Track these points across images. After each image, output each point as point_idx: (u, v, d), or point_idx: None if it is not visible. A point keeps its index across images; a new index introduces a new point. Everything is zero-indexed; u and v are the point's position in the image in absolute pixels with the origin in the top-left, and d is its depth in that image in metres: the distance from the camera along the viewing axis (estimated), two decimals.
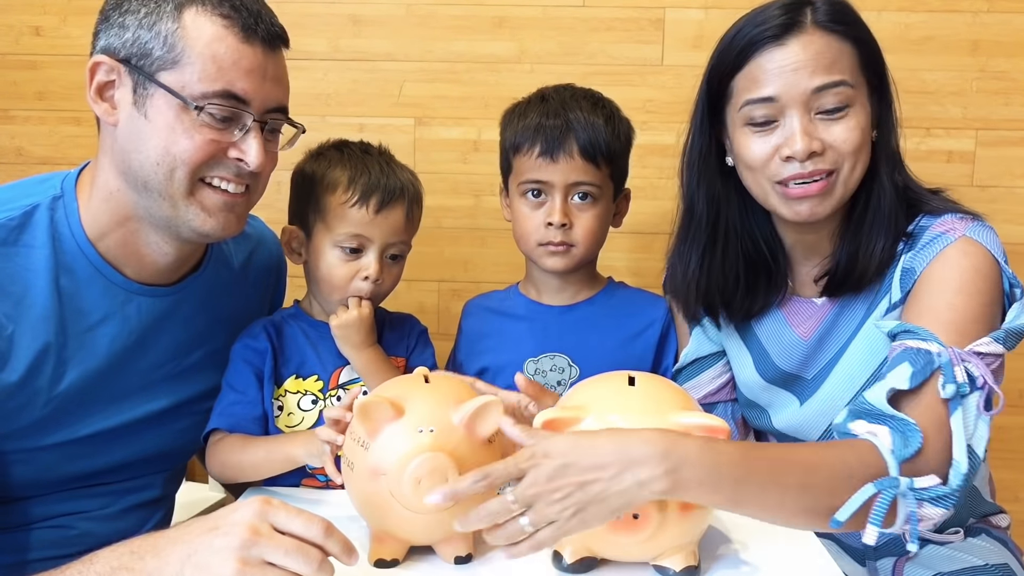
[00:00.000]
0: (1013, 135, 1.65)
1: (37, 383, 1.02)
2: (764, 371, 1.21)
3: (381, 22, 1.68)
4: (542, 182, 1.21)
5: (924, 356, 0.95)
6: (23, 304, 1.01)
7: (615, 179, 1.25)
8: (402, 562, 0.91)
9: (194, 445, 1.24)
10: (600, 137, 1.20)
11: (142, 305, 1.10)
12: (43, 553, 1.07)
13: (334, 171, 1.17)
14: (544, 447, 0.82)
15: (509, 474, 0.82)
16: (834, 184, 1.07)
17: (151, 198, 1.03)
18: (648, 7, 1.65)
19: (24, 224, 1.03)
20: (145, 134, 1.00)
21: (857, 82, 1.06)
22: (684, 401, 0.91)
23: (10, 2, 1.71)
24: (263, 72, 1.02)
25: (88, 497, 1.12)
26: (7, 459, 1.03)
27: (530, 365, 1.26)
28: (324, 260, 1.17)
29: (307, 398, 1.16)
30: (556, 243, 1.21)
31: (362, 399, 0.88)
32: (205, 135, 1.00)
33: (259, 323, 1.21)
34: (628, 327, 1.26)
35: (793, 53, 1.04)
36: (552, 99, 1.24)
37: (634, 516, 0.82)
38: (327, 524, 0.74)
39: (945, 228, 1.05)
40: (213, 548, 0.72)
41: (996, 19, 1.62)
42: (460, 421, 0.88)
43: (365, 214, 1.15)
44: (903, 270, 1.07)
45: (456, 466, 0.84)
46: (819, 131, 1.04)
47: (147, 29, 0.99)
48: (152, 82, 0.99)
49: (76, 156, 1.79)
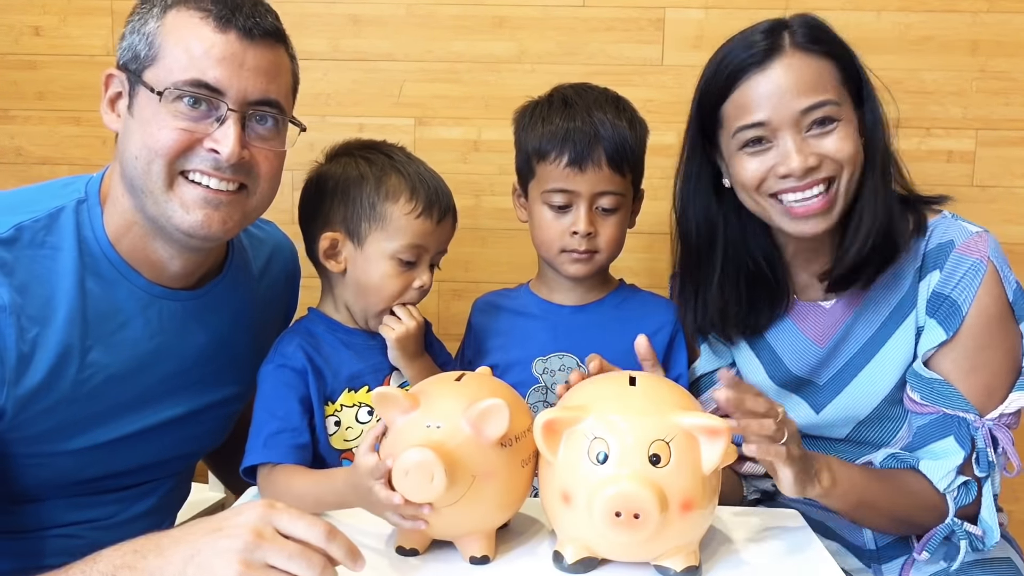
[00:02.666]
0: (1013, 135, 1.65)
1: (61, 387, 1.02)
2: (775, 375, 1.23)
3: (381, 22, 1.68)
4: (569, 191, 1.19)
5: (963, 425, 1.08)
6: (49, 306, 1.01)
7: (636, 183, 1.25)
8: (423, 553, 0.93)
9: (207, 449, 1.24)
10: (627, 145, 1.19)
11: (164, 309, 1.10)
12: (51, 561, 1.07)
13: (390, 177, 1.12)
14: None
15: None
16: (835, 196, 1.09)
17: (139, 196, 1.03)
18: (648, 7, 1.65)
19: (50, 226, 1.03)
20: (131, 131, 1.02)
21: (841, 96, 1.09)
22: (685, 401, 0.91)
23: (10, 2, 1.71)
24: (238, 61, 1.00)
25: (100, 505, 1.12)
26: (26, 463, 1.03)
27: (539, 364, 1.25)
28: (378, 270, 1.12)
29: (363, 410, 1.13)
30: (580, 251, 1.21)
31: (380, 388, 0.91)
32: (178, 124, 0.99)
33: (290, 341, 1.13)
34: (638, 330, 1.25)
35: (777, 77, 1.07)
36: (576, 104, 1.21)
37: (635, 516, 0.82)
38: (330, 528, 0.74)
39: (970, 250, 1.09)
40: (216, 550, 0.72)
41: (996, 19, 1.62)
42: (467, 421, 0.87)
43: (429, 224, 1.12)
44: (934, 293, 1.10)
45: (445, 464, 0.83)
46: (812, 146, 1.08)
47: (137, 33, 1.02)
48: (139, 82, 1.01)
49: (76, 156, 1.80)
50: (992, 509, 1.07)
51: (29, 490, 1.05)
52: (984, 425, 1.07)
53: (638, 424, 0.85)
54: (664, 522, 0.82)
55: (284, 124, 1.08)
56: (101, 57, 1.71)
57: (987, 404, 1.08)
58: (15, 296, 0.98)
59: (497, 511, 0.93)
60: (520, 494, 0.94)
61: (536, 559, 0.93)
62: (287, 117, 1.08)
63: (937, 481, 1.07)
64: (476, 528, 0.92)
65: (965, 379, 1.08)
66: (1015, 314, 1.09)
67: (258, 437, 1.07)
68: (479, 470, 0.87)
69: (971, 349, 1.08)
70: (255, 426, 1.09)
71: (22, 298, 0.99)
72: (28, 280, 1.00)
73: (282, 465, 1.05)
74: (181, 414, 1.14)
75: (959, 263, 1.09)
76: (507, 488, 0.91)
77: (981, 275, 1.07)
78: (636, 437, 0.84)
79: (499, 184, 1.31)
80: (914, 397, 1.12)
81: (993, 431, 1.07)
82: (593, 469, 0.84)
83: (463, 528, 0.91)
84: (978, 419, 1.07)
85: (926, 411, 1.10)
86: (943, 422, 1.09)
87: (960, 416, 1.08)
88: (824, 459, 1.01)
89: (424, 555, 0.93)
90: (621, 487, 0.81)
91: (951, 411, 1.08)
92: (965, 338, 1.08)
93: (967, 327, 1.08)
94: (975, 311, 1.07)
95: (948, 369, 1.09)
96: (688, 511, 0.85)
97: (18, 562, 1.07)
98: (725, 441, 0.84)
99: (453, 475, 0.84)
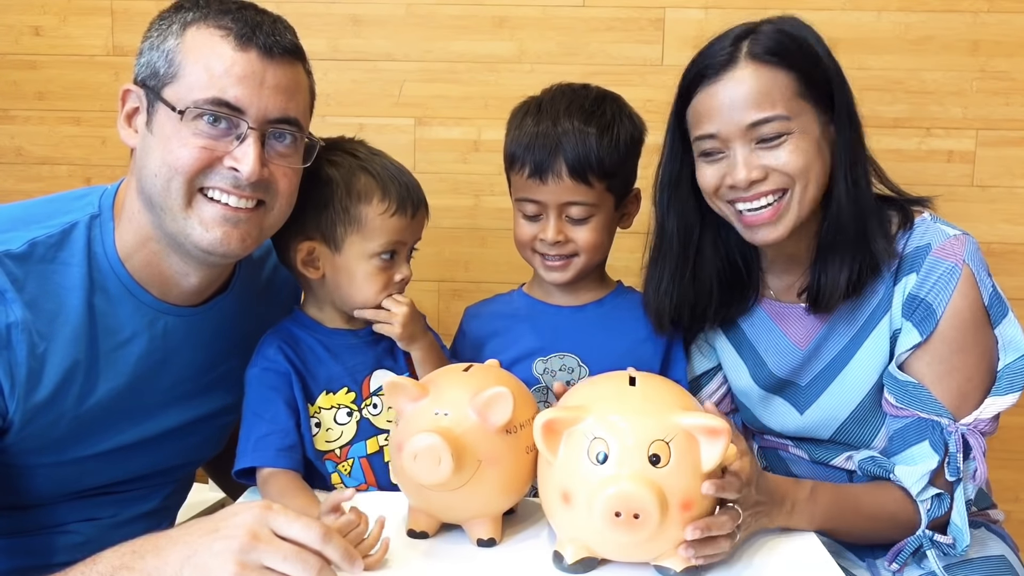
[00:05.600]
0: (1013, 135, 1.65)
1: (65, 401, 1.02)
2: (758, 377, 1.24)
3: (381, 22, 1.69)
4: (535, 201, 1.18)
5: (936, 429, 1.08)
6: (57, 321, 1.01)
7: (614, 190, 1.20)
8: (433, 536, 0.97)
9: (207, 456, 1.25)
10: (591, 154, 1.14)
11: (169, 324, 1.10)
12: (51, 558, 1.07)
13: (359, 179, 1.11)
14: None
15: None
16: (787, 206, 1.09)
17: (156, 213, 1.03)
18: (648, 7, 1.65)
19: (62, 242, 1.03)
20: (150, 149, 1.01)
21: (796, 110, 1.07)
22: (685, 401, 0.91)
23: (10, 2, 1.71)
24: (259, 79, 1.00)
25: (99, 506, 1.12)
26: (28, 472, 1.04)
27: (539, 364, 1.25)
28: (360, 271, 1.11)
29: (342, 411, 1.13)
30: (552, 256, 1.20)
31: (392, 377, 0.96)
32: (198, 142, 0.99)
33: (271, 343, 1.13)
34: (638, 330, 1.25)
35: (726, 90, 1.07)
36: (547, 111, 1.18)
37: (635, 516, 0.82)
38: (326, 530, 0.74)
39: (946, 253, 1.08)
40: (213, 550, 0.72)
41: (996, 19, 1.63)
42: (473, 409, 0.90)
43: (404, 220, 1.12)
44: (910, 296, 1.10)
45: (453, 450, 0.86)
46: (760, 159, 1.07)
47: (156, 50, 1.01)
48: (158, 99, 1.00)
49: (76, 156, 1.80)
50: (963, 515, 1.06)
51: (31, 497, 1.06)
52: (957, 430, 1.07)
53: (638, 424, 0.85)
54: (664, 522, 0.82)
55: (302, 141, 1.07)
56: (101, 57, 1.71)
57: (961, 408, 1.08)
58: (26, 312, 0.99)
59: (502, 495, 0.96)
60: (524, 480, 0.96)
61: (540, 542, 0.96)
62: (305, 134, 1.08)
63: (910, 485, 1.07)
64: (483, 512, 0.95)
65: (939, 382, 1.08)
66: (990, 318, 1.09)
67: (247, 440, 1.08)
68: (484, 455, 0.90)
69: (945, 353, 1.08)
70: (244, 430, 1.09)
71: (32, 314, 0.99)
72: (38, 295, 1.00)
73: (278, 474, 1.06)
74: (180, 423, 1.15)
75: (935, 266, 1.08)
76: (511, 473, 0.93)
77: (956, 278, 1.07)
78: (636, 437, 0.84)
79: (499, 184, 1.31)
80: (890, 400, 1.12)
81: (966, 436, 1.07)
82: (593, 469, 0.84)
83: (470, 512, 0.95)
84: (952, 423, 1.07)
85: (902, 414, 1.10)
86: (918, 426, 1.09)
87: (934, 420, 1.08)
88: (787, 493, 1.02)
89: (434, 538, 0.97)
90: (621, 487, 0.81)
91: (926, 415, 1.08)
92: (939, 341, 1.08)
93: (941, 330, 1.07)
94: (949, 314, 1.07)
95: (922, 372, 1.09)
96: (688, 511, 0.85)
97: (18, 560, 1.07)
98: (725, 441, 0.84)
99: (460, 459, 0.87)
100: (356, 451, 1.12)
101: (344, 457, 1.12)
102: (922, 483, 1.07)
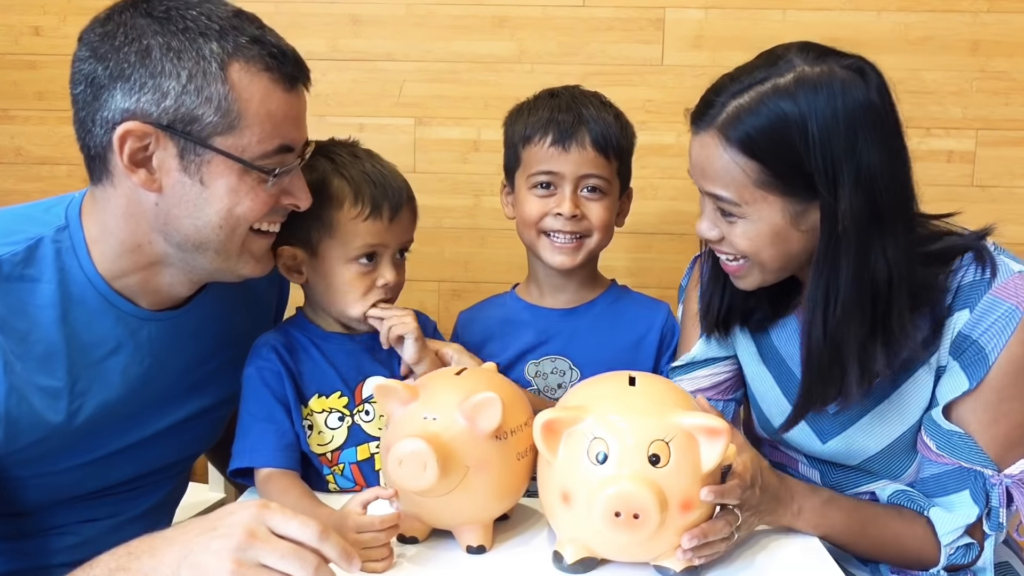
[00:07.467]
0: (1013, 135, 1.65)
1: (52, 419, 1.00)
2: (788, 391, 1.16)
3: (381, 22, 1.68)
4: (553, 173, 1.19)
5: (979, 480, 1.02)
6: (28, 340, 0.98)
7: (622, 176, 1.24)
8: (423, 541, 0.96)
9: (203, 450, 1.24)
10: (611, 131, 1.20)
11: (152, 331, 1.09)
12: (50, 559, 1.07)
13: (331, 183, 1.09)
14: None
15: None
16: (748, 270, 1.05)
17: (203, 255, 1.02)
18: (648, 7, 1.65)
19: (29, 259, 1.00)
20: (204, 200, 0.98)
21: (750, 198, 0.98)
22: (685, 401, 0.91)
23: (10, 2, 1.71)
24: (302, 115, 1.02)
25: (97, 508, 1.11)
26: (21, 483, 1.03)
27: (531, 367, 1.25)
28: (339, 276, 1.10)
29: (333, 415, 1.12)
30: (566, 234, 1.20)
31: (381, 381, 0.94)
32: (271, 191, 1.00)
33: (265, 343, 1.13)
34: (630, 332, 1.25)
35: (695, 145, 1.03)
36: (562, 95, 1.23)
37: (635, 516, 0.81)
38: (324, 528, 0.74)
39: (1008, 293, 1.00)
40: (209, 549, 0.72)
41: (996, 19, 1.62)
42: (462, 414, 0.89)
43: (380, 225, 1.09)
44: (960, 335, 1.01)
45: (439, 456, 0.85)
46: (719, 223, 1.03)
47: (194, 95, 0.94)
48: (206, 148, 0.96)
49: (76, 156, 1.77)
50: (991, 561, 1.04)
51: (26, 505, 1.05)
52: (1002, 482, 1.01)
53: (638, 424, 0.85)
54: (664, 522, 0.82)
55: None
56: None
57: (1006, 457, 1.01)
58: None
59: (492, 502, 0.94)
60: (516, 487, 0.95)
61: (531, 550, 0.95)
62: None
63: (943, 535, 1.02)
64: (472, 518, 0.94)
65: (985, 431, 1.01)
66: None
67: (244, 439, 1.07)
68: (473, 462, 0.89)
69: (993, 400, 1.00)
70: (240, 428, 1.09)
71: (2, 335, 0.96)
72: (6, 315, 0.97)
73: (277, 474, 1.05)
74: (176, 421, 1.14)
75: (993, 307, 0.99)
76: (501, 480, 0.92)
77: (1016, 323, 0.98)
78: (636, 437, 0.84)
79: (499, 184, 1.31)
80: (930, 445, 1.05)
81: (1011, 489, 1.01)
82: (593, 469, 0.84)
83: (459, 518, 0.94)
84: (996, 475, 1.01)
85: (942, 460, 1.04)
86: (959, 474, 1.03)
87: (978, 471, 1.01)
88: (796, 495, 1.01)
89: (423, 543, 0.96)
90: (621, 487, 0.81)
91: (969, 465, 1.02)
92: (988, 389, 1.00)
93: (992, 377, 0.99)
94: (1004, 360, 0.99)
95: (968, 419, 1.02)
96: (688, 511, 0.85)
97: (17, 563, 1.07)
98: (725, 441, 0.84)
99: (446, 465, 0.86)
100: (347, 457, 1.12)
101: (335, 461, 1.11)
102: (956, 534, 1.02)
